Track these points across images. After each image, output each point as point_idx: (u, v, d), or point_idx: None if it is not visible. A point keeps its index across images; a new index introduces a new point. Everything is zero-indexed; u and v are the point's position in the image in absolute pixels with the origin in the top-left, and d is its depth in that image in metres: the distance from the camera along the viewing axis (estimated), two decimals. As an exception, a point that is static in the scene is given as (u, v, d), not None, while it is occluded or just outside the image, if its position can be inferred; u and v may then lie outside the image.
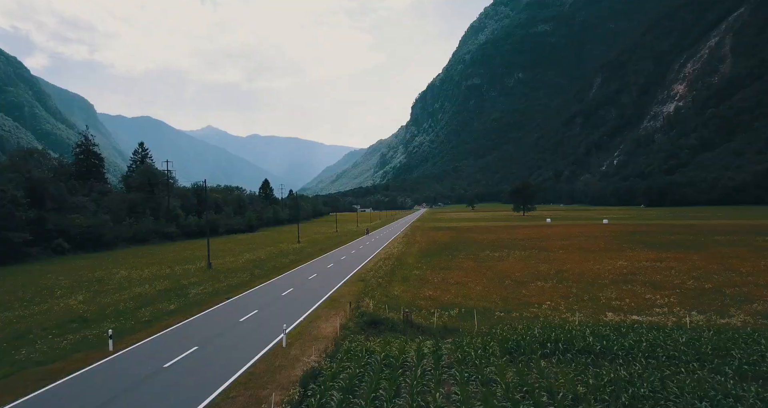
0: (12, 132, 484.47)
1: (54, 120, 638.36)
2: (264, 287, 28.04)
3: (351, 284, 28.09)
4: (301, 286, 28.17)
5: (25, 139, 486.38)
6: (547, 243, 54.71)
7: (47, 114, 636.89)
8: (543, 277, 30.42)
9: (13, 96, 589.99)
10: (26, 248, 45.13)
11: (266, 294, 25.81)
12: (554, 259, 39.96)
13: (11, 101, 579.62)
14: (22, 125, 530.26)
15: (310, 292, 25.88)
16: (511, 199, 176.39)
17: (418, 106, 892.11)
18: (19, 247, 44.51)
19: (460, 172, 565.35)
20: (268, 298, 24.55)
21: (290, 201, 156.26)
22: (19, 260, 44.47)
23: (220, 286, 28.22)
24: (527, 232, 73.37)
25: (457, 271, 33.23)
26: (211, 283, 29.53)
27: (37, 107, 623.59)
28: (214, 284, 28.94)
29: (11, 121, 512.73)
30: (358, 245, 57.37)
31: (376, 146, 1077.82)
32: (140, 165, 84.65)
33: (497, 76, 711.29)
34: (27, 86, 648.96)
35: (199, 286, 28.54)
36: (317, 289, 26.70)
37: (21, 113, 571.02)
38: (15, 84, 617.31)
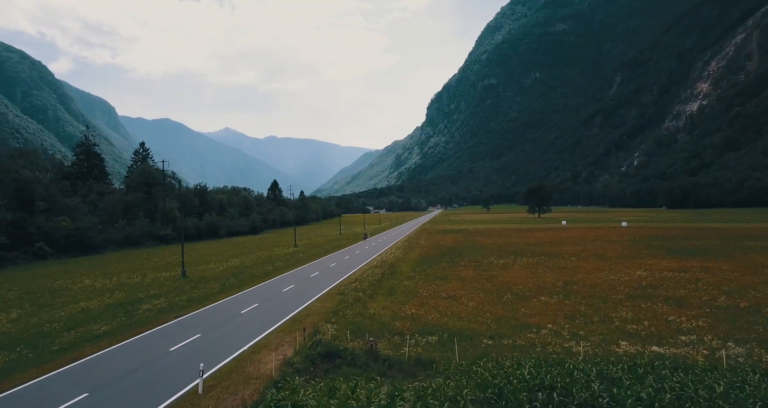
0: (36, 134, 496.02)
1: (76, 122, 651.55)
2: (227, 302, 25.02)
3: (326, 299, 24.88)
4: (269, 300, 25.09)
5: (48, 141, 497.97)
6: (558, 248, 50.71)
7: (70, 117, 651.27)
8: (549, 290, 26.77)
9: (37, 99, 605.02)
10: (3, 252, 43.07)
11: (224, 311, 22.71)
12: (564, 267, 36.14)
13: (36, 104, 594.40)
14: (45, 128, 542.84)
15: (276, 309, 22.72)
16: (525, 200, 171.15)
17: (433, 107, 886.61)
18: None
19: (475, 173, 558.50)
20: (223, 317, 21.41)
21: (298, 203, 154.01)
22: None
23: (179, 300, 25.29)
24: (539, 236, 69.24)
25: (453, 282, 29.78)
26: (174, 295, 26.73)
27: (61, 110, 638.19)
28: (174, 297, 26.08)
29: (36, 124, 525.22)
30: (355, 250, 54.16)
31: (391, 147, 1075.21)
32: (141, 165, 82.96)
33: (514, 76, 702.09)
34: (51, 90, 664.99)
35: (157, 299, 25.73)
36: (285, 305, 23.54)
37: (45, 116, 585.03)
38: (40, 88, 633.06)
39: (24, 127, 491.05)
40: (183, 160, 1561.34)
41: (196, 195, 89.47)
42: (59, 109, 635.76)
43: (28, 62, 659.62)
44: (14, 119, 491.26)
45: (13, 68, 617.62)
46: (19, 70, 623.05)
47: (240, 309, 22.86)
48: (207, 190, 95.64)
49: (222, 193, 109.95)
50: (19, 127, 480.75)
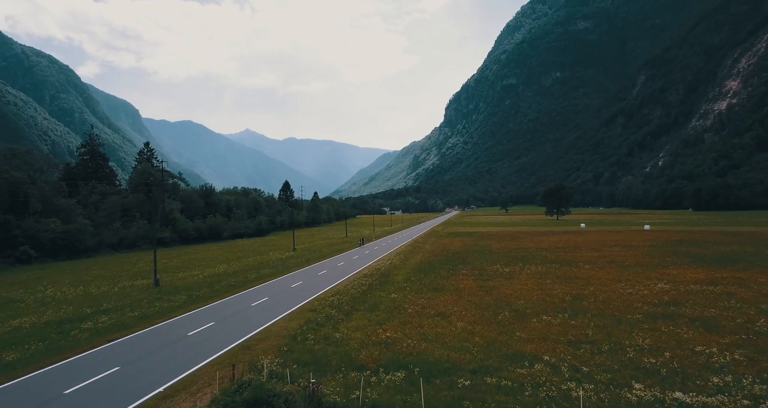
0: (63, 136, 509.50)
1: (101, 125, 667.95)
2: (182, 319, 22.16)
3: (295, 317, 21.79)
4: (229, 317, 22.17)
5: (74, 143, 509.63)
6: (572, 254, 46.84)
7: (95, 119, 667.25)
8: (554, 306, 23.34)
9: (65, 102, 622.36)
10: None
11: (170, 332, 19.76)
12: (576, 277, 32.51)
13: (63, 107, 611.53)
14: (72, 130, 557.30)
15: (230, 330, 19.67)
16: (543, 202, 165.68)
17: (452, 108, 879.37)
18: None
19: (493, 174, 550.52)
20: (163, 341, 18.36)
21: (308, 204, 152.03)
22: None
23: (129, 318, 22.49)
24: (554, 240, 65.18)
25: (447, 295, 26.56)
26: (129, 309, 24.11)
27: (87, 113, 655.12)
28: (127, 313, 23.46)
29: (63, 127, 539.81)
30: (353, 255, 51.08)
31: (409, 148, 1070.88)
32: (141, 166, 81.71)
33: (534, 76, 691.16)
34: (78, 93, 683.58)
35: (107, 315, 23.14)
36: (244, 325, 20.50)
37: (72, 119, 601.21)
38: (67, 91, 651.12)
39: (52, 129, 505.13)
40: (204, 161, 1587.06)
41: (202, 196, 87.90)
42: (85, 112, 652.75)
43: (56, 66, 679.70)
44: (42, 122, 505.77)
45: (42, 72, 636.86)
46: (48, 74, 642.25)
47: (190, 329, 19.92)
48: (213, 191, 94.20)
49: (230, 194, 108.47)
50: (47, 130, 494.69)
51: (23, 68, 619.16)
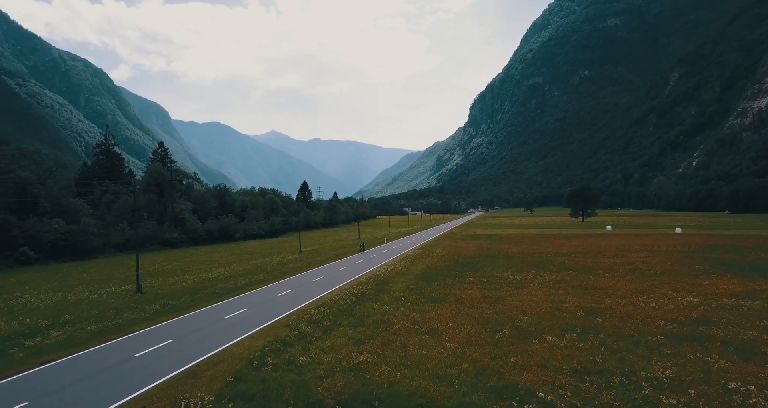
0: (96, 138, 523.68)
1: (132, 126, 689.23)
2: (142, 334, 19.96)
3: (265, 333, 19.43)
4: (193, 333, 19.91)
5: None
6: (593, 260, 43.49)
7: (127, 121, 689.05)
8: (563, 322, 20.62)
9: (98, 105, 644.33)
10: None
11: (119, 351, 17.57)
12: (593, 287, 29.50)
13: (97, 110, 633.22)
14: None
15: (186, 350, 17.37)
16: (568, 203, 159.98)
17: (476, 107, 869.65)
18: None
19: (519, 175, 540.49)
20: (103, 364, 16.03)
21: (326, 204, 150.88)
22: None
23: (85, 333, 20.42)
24: (576, 244, 61.53)
25: (445, 307, 24.07)
26: (89, 322, 22.13)
27: (119, 115, 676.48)
28: (86, 326, 21.47)
29: (96, 129, 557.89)
30: (357, 259, 48.63)
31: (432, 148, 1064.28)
32: (152, 165, 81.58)
33: (561, 75, 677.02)
34: (111, 95, 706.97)
35: (63, 327, 21.33)
36: (205, 343, 18.19)
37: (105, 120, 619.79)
38: (100, 94, 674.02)
39: (86, 131, 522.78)
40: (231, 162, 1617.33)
41: (216, 196, 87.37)
42: (117, 114, 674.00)
43: (91, 70, 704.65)
44: (77, 124, 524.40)
45: (78, 76, 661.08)
46: (83, 78, 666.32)
47: (141, 348, 17.70)
48: (228, 192, 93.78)
49: (245, 194, 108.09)
50: (81, 132, 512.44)
51: (60, 72, 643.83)
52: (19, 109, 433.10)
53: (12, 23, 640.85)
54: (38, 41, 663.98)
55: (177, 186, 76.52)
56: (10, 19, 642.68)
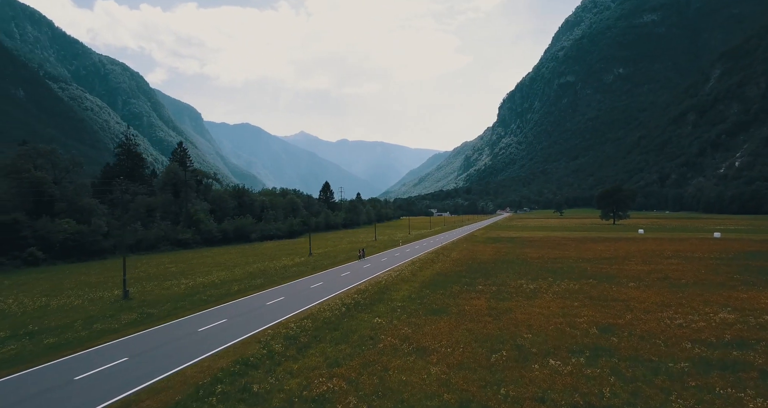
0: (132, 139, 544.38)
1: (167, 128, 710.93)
2: (101, 349, 18.36)
3: (233, 351, 17.61)
4: (155, 348, 18.17)
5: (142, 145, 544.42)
6: (618, 267, 40.29)
7: (161, 122, 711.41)
8: (572, 342, 18.24)
9: (135, 107, 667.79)
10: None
11: (62, 372, 15.84)
12: (614, 299, 26.76)
13: (133, 112, 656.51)
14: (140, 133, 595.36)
15: (142, 369, 15.74)
16: (598, 204, 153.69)
17: (505, 107, 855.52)
18: None
19: (549, 175, 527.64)
20: (34, 389, 14.32)
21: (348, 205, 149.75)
22: None
23: (40, 348, 18.96)
24: (602, 249, 57.90)
25: (445, 320, 21.96)
26: (52, 334, 20.74)
27: (154, 117, 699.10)
28: (46, 339, 20.03)
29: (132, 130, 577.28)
30: (365, 263, 46.60)
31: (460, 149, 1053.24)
32: (169, 166, 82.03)
33: (594, 73, 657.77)
34: (146, 98, 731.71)
35: (20, 340, 19.99)
36: (163, 361, 16.58)
37: (140, 122, 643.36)
38: (137, 96, 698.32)
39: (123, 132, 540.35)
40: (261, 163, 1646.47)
41: (234, 197, 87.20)
42: (152, 116, 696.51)
43: (128, 73, 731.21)
44: (115, 126, 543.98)
45: (116, 79, 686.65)
46: (121, 81, 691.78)
47: (89, 368, 15.98)
48: (246, 192, 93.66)
49: (265, 194, 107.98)
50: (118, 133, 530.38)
51: (100, 76, 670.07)
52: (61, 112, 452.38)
53: (57, 30, 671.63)
54: (80, 46, 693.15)
55: (195, 186, 76.50)
56: (55, 25, 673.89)
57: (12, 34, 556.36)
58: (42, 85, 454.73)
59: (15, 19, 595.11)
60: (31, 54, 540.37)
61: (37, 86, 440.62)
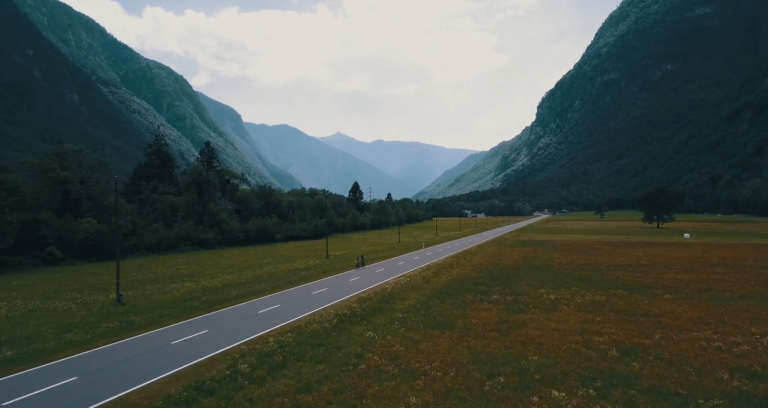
0: (176, 140, 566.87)
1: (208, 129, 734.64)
2: (56, 365, 16.78)
3: (199, 370, 15.86)
4: (111, 366, 16.36)
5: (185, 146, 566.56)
6: (655, 276, 36.81)
7: (203, 124, 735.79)
8: (585, 366, 15.87)
9: (178, 109, 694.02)
10: (6, 257, 41.17)
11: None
12: (644, 313, 23.91)
13: (177, 114, 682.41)
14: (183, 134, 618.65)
15: (82, 391, 14.09)
16: (641, 207, 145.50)
17: (544, 106, 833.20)
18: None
19: (589, 176, 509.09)
20: None
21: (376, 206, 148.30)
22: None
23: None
24: (640, 255, 53.79)
25: (447, 335, 19.92)
26: (8, 347, 19.22)
27: (196, 118, 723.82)
28: (5, 352, 18.62)
29: (176, 132, 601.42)
30: (379, 267, 44.57)
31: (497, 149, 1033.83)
32: (193, 165, 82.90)
33: (639, 70, 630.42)
34: (189, 100, 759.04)
35: None
36: (111, 382, 14.80)
37: (183, 124, 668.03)
38: (181, 99, 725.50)
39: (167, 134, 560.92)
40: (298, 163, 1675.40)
41: (260, 197, 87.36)
42: (195, 118, 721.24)
43: (173, 77, 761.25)
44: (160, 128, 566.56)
45: (161, 83, 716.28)
46: (166, 84, 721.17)
47: (25, 390, 14.28)
48: (273, 192, 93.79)
49: (293, 195, 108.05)
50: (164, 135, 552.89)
51: (146, 79, 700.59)
52: (111, 114, 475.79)
53: (108, 36, 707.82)
54: (129, 52, 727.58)
55: (219, 186, 76.88)
56: (107, 32, 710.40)
57: (68, 42, 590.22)
58: (94, 90, 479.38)
59: (72, 27, 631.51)
60: (85, 60, 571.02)
61: (90, 90, 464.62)
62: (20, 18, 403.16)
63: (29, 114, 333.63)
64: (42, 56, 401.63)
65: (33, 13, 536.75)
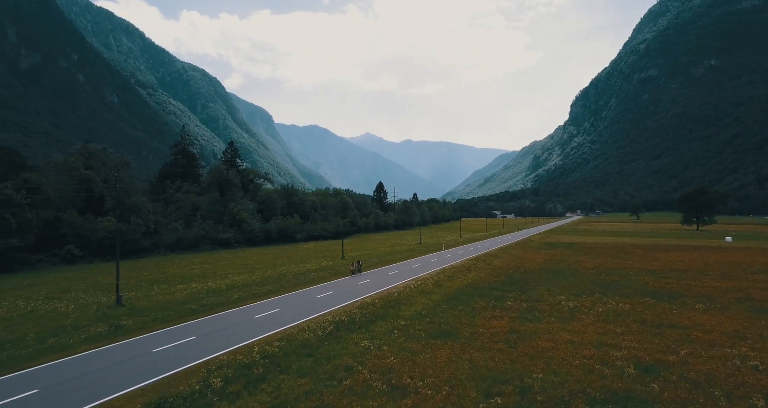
0: (209, 141, 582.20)
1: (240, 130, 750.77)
2: (17, 377, 15.70)
3: (170, 383, 14.72)
4: (81, 378, 15.23)
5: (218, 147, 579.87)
6: (688, 282, 34.15)
7: (236, 125, 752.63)
8: (596, 386, 14.27)
9: (212, 111, 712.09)
10: (26, 255, 42.02)
11: None
12: (671, 324, 21.83)
13: (211, 115, 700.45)
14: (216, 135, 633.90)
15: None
16: (679, 208, 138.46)
17: (578, 104, 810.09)
18: (6, 254, 39.99)
19: (625, 176, 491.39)
20: None
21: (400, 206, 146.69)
22: (10, 269, 39.98)
23: None
24: (674, 259, 50.49)
25: (449, 346, 18.56)
26: (8, 348, 18.99)
27: (229, 119, 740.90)
28: None
29: (209, 132, 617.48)
30: (392, 270, 42.78)
31: (529, 148, 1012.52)
32: (215, 165, 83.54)
33: (680, 65, 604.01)
34: (222, 102, 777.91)
35: None
36: (76, 395, 13.83)
37: (216, 125, 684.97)
38: (214, 100, 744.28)
39: (201, 135, 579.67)
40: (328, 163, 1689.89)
41: (283, 196, 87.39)
42: (227, 119, 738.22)
43: (207, 79, 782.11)
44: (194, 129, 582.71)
45: (196, 85, 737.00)
46: (200, 86, 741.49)
47: None
48: (295, 192, 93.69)
49: (316, 194, 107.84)
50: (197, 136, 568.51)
51: (182, 82, 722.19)
52: (149, 116, 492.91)
53: (147, 40, 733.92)
54: (166, 55, 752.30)
55: (240, 185, 77.17)
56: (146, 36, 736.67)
57: (110, 46, 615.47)
58: (133, 92, 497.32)
59: (113, 31, 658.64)
60: (125, 63, 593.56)
61: (129, 93, 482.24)
62: (66, 24, 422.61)
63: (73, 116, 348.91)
64: (85, 61, 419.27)
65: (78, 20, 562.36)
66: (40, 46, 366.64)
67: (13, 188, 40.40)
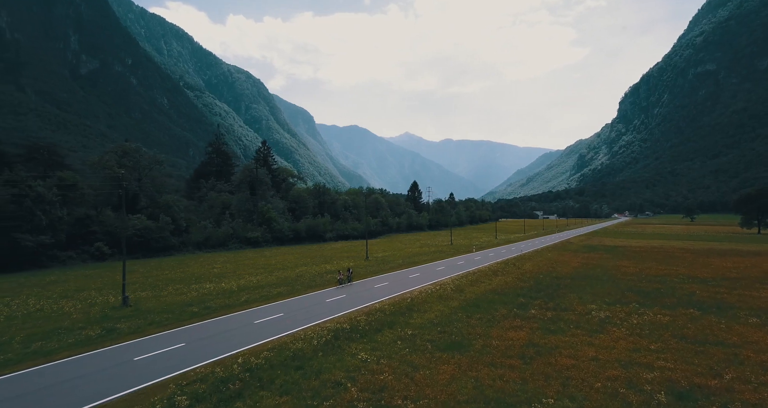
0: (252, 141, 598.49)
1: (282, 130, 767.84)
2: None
3: (140, 398, 13.58)
4: (51, 387, 14.30)
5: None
6: (742, 292, 30.63)
7: (278, 125, 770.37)
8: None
9: (256, 112, 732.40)
10: (57, 252, 43.07)
11: None
12: (717, 341, 19.18)
13: (254, 116, 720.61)
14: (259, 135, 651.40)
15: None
16: (737, 210, 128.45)
17: (627, 101, 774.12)
18: (37, 251, 40.80)
19: (679, 177, 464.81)
20: None
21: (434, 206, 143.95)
22: (41, 266, 40.85)
23: None
24: (729, 265, 46.04)
25: (456, 360, 16.86)
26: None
27: (271, 120, 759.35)
28: None
29: (252, 133, 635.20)
30: (413, 272, 40.65)
31: (574, 147, 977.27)
32: (245, 164, 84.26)
33: (743, 59, 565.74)
34: (266, 103, 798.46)
35: None
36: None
37: (259, 125, 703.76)
38: (258, 102, 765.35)
39: (245, 135, 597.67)
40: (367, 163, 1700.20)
41: (314, 195, 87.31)
42: (270, 120, 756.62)
43: (251, 81, 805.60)
44: (239, 129, 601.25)
45: (241, 86, 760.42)
46: (245, 88, 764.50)
47: None
48: (327, 191, 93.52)
49: (350, 194, 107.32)
50: (241, 136, 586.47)
51: (227, 84, 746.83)
52: (196, 117, 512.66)
53: (195, 44, 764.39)
54: (213, 58, 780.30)
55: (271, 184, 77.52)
56: (194, 40, 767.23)
57: (161, 50, 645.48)
58: (182, 94, 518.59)
59: (164, 36, 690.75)
60: (174, 67, 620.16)
61: (178, 95, 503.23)
62: (121, 30, 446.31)
63: (127, 118, 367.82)
64: (138, 65, 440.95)
65: (133, 26, 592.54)
66: (98, 52, 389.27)
67: (45, 186, 41.90)
